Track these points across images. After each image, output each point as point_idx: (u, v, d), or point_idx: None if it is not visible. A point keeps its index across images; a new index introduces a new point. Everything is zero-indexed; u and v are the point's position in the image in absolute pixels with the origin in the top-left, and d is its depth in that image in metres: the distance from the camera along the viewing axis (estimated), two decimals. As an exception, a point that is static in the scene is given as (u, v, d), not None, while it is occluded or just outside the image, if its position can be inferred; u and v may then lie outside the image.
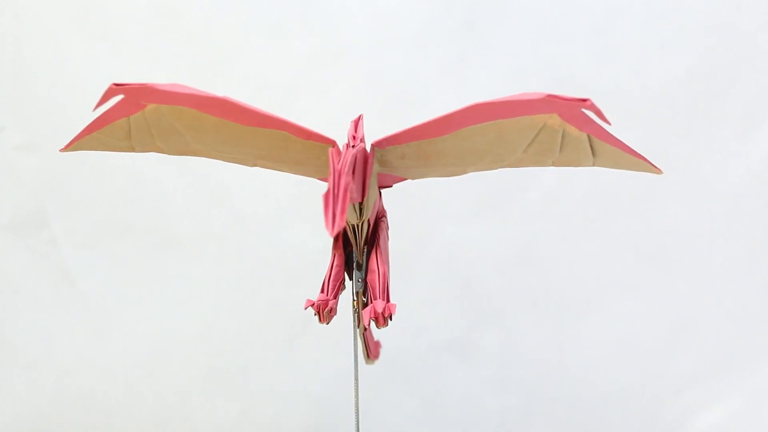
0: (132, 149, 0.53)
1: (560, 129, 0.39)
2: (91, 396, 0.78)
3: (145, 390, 0.79)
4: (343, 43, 0.77)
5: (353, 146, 0.43)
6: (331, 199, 0.38)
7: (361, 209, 0.45)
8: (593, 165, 0.42)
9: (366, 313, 0.47)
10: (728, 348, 0.81)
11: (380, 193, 0.50)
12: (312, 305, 0.49)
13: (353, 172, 0.41)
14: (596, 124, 0.37)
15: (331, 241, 0.50)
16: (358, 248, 0.49)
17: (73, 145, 0.53)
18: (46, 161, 0.77)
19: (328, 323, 0.49)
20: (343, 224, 0.37)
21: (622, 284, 0.80)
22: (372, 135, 0.67)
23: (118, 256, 0.78)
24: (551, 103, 0.37)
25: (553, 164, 0.42)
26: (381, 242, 0.48)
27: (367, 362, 0.58)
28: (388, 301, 0.47)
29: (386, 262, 0.48)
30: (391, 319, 0.46)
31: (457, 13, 0.77)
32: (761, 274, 0.81)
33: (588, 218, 0.80)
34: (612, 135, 0.38)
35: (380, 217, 0.50)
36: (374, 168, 0.44)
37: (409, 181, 0.50)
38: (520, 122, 0.39)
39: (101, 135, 0.53)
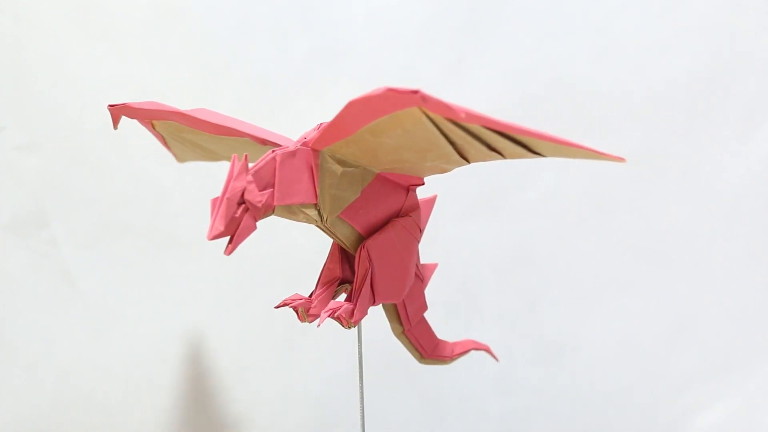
0: (205, 158, 0.59)
1: (443, 121, 0.36)
2: (91, 396, 0.78)
3: (145, 390, 0.79)
4: (343, 43, 0.77)
5: (278, 149, 0.43)
6: (217, 204, 0.39)
7: (318, 210, 0.45)
8: (542, 155, 0.38)
9: (322, 313, 0.47)
10: (728, 348, 0.81)
11: (408, 191, 0.49)
12: (286, 304, 0.49)
13: (274, 176, 0.42)
14: (468, 112, 0.34)
15: (329, 241, 0.50)
16: (349, 248, 0.48)
17: (177, 158, 0.60)
18: (46, 161, 0.77)
19: (310, 322, 0.49)
20: (221, 229, 0.39)
21: (622, 284, 0.81)
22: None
23: (118, 256, 0.78)
24: (393, 97, 0.35)
25: (505, 157, 0.40)
26: (370, 243, 0.46)
27: (421, 362, 0.56)
28: (355, 304, 0.47)
29: (370, 263, 0.47)
30: (351, 318, 0.46)
31: (457, 13, 0.77)
32: (761, 274, 0.81)
33: (587, 218, 0.80)
34: (503, 123, 0.34)
35: (401, 215, 0.49)
36: (333, 168, 0.44)
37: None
38: (404, 117, 0.37)
39: (172, 149, 0.59)
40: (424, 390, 0.81)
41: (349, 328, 0.48)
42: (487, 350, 0.61)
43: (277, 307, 0.49)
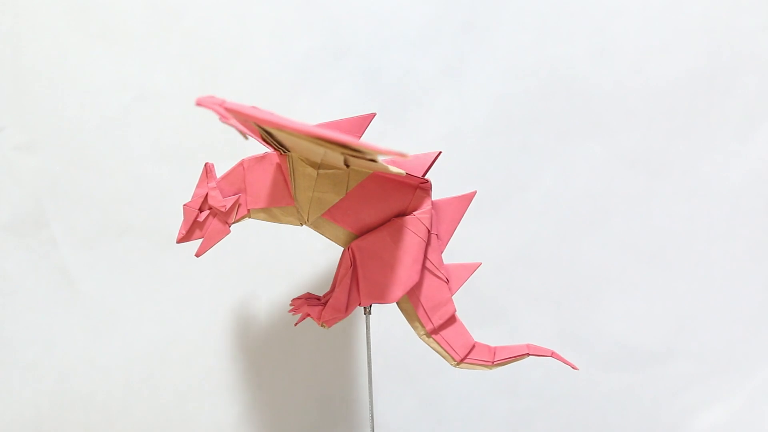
0: None
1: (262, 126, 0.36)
2: (91, 396, 0.78)
3: (145, 390, 0.79)
4: (343, 43, 0.77)
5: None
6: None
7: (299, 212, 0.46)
8: (376, 158, 0.39)
9: (297, 313, 0.49)
10: (728, 348, 0.81)
11: (416, 189, 0.48)
12: (294, 309, 0.50)
13: (244, 181, 0.44)
14: (229, 109, 0.34)
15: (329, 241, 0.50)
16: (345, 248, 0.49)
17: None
18: (46, 161, 0.77)
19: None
20: (183, 233, 0.43)
21: (622, 284, 0.81)
22: (373, 135, 0.67)
23: (118, 256, 0.78)
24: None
25: (365, 156, 0.40)
26: (356, 243, 0.46)
27: (456, 366, 0.54)
28: (324, 305, 0.47)
29: (352, 264, 0.47)
30: (322, 319, 0.47)
31: (456, 13, 0.77)
32: (761, 274, 0.81)
33: (588, 218, 0.80)
34: (263, 117, 0.34)
35: (407, 215, 0.48)
36: (307, 171, 0.44)
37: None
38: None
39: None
40: (425, 390, 0.81)
41: (323, 327, 0.48)
42: (555, 356, 0.55)
43: (290, 311, 0.50)
